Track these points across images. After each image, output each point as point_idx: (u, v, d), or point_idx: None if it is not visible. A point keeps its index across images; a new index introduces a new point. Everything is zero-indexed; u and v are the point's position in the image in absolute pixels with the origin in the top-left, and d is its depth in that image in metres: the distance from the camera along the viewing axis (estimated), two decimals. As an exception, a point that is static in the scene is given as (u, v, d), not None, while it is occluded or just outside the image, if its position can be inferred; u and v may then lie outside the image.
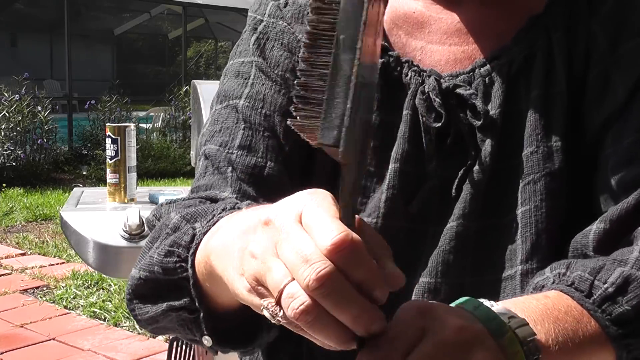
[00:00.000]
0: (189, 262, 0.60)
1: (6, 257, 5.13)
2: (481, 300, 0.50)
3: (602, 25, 0.70)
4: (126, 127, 1.80)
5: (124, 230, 1.57)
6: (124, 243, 1.56)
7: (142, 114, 10.71)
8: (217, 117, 0.79)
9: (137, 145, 1.85)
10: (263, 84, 0.75)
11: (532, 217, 0.66)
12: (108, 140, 1.78)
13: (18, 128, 8.30)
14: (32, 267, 4.82)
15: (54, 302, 4.18)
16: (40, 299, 4.23)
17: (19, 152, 8.27)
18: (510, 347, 0.47)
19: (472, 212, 0.68)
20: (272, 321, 0.48)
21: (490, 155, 0.68)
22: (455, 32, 0.73)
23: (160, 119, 10.29)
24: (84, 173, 8.90)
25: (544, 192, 0.67)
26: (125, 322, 3.84)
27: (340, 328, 0.44)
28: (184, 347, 2.36)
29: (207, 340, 0.63)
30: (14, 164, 8.25)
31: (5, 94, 8.22)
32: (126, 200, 1.79)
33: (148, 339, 3.63)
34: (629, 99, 0.67)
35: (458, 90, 0.69)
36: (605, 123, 0.68)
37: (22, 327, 3.75)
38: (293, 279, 0.44)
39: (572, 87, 0.69)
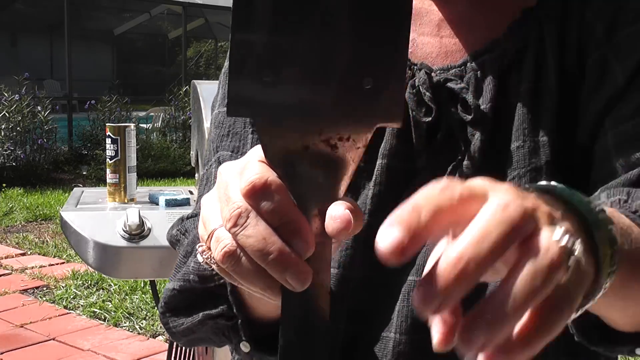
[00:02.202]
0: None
1: (6, 257, 5.13)
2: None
3: (597, 14, 0.68)
4: (126, 127, 1.80)
5: (124, 230, 1.57)
6: (123, 243, 1.56)
7: (142, 114, 10.71)
8: (222, 120, 0.78)
9: (137, 145, 1.85)
10: None
11: None
12: (108, 140, 1.78)
13: (18, 128, 8.30)
14: (32, 267, 4.83)
15: (54, 302, 4.18)
16: (40, 299, 4.23)
17: (19, 152, 8.27)
18: (602, 243, 0.42)
19: None
20: (207, 267, 0.49)
21: (479, 150, 0.67)
22: (448, 24, 0.72)
23: (160, 119, 10.29)
24: (84, 173, 8.90)
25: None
26: (125, 322, 3.84)
27: (263, 275, 0.43)
28: (183, 347, 2.36)
29: (245, 346, 0.64)
30: (14, 164, 8.25)
31: (5, 94, 8.22)
32: (126, 200, 1.79)
33: (148, 339, 3.64)
34: (629, 83, 0.66)
35: (449, 84, 0.68)
36: (604, 108, 0.66)
37: (22, 327, 3.75)
38: (222, 227, 0.45)
39: (563, 80, 0.68)
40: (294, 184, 0.43)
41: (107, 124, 1.83)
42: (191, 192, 2.00)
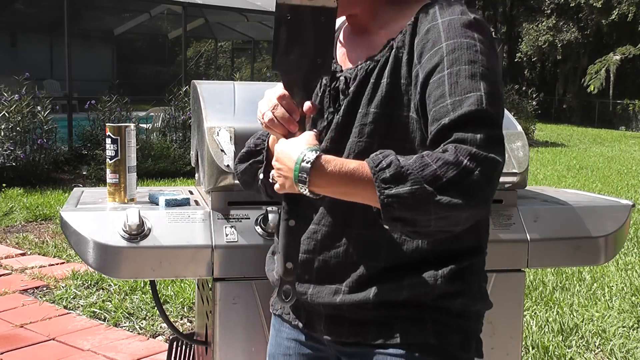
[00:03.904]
0: (267, 140, 1.37)
1: (6, 257, 5.13)
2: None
3: (417, 44, 1.23)
4: (126, 127, 1.80)
5: (124, 230, 1.57)
6: (123, 243, 1.56)
7: (142, 114, 10.71)
8: None
9: (137, 145, 1.85)
10: None
11: (349, 146, 1.27)
12: (108, 140, 1.78)
13: (18, 128, 8.30)
14: (32, 267, 4.83)
15: (54, 302, 4.18)
16: (40, 299, 4.23)
17: (19, 152, 8.27)
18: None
19: (335, 135, 1.29)
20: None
21: (343, 111, 1.30)
22: (357, 47, 1.35)
23: (160, 119, 10.29)
24: (84, 173, 8.90)
25: (357, 134, 1.26)
26: (125, 322, 3.84)
27: (282, 127, 1.22)
28: (184, 347, 2.36)
29: (261, 175, 1.36)
30: (14, 164, 8.24)
31: (5, 94, 8.22)
32: (126, 200, 1.79)
33: (148, 339, 3.64)
34: (424, 88, 1.19)
35: (344, 75, 1.32)
36: (420, 102, 1.21)
37: (22, 327, 3.75)
38: (268, 110, 1.23)
39: (393, 81, 1.25)
40: (293, 95, 1.22)
41: (107, 124, 1.83)
42: (191, 192, 2.00)
